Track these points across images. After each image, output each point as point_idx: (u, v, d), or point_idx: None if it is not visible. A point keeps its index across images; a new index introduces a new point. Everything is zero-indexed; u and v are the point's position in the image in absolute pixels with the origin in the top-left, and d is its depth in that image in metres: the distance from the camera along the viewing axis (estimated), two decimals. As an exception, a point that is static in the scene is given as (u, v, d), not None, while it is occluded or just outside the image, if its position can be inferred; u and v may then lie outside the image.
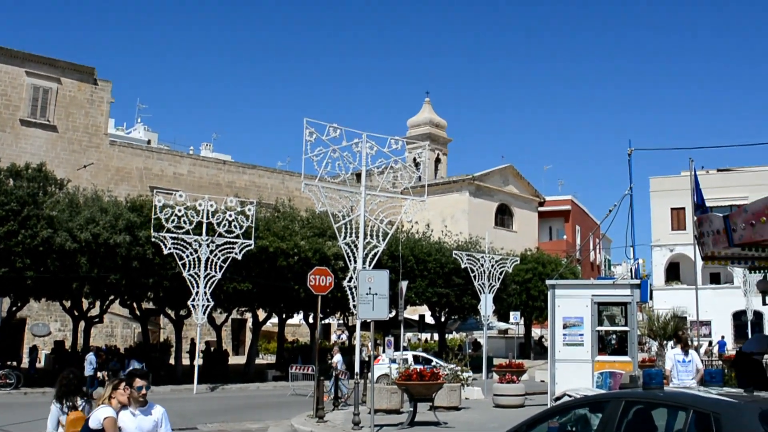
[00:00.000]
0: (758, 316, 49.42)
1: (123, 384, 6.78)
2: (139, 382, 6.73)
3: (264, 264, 30.50)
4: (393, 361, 26.67)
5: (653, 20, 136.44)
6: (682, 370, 13.29)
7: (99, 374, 26.26)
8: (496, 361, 33.08)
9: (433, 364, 27.54)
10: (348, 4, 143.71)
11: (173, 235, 26.66)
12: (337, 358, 25.01)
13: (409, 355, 29.62)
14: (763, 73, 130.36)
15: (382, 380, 24.37)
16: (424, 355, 30.50)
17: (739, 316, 53.29)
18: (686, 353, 13.92)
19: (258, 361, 39.61)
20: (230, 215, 27.70)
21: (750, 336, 43.51)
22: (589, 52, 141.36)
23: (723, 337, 48.98)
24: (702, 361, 28.02)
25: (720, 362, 28.72)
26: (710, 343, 46.43)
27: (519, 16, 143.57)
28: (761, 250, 14.96)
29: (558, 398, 13.76)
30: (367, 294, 15.87)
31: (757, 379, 15.36)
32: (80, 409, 7.55)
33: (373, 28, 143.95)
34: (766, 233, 12.69)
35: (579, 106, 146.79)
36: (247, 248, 27.77)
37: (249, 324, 45.36)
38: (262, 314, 36.68)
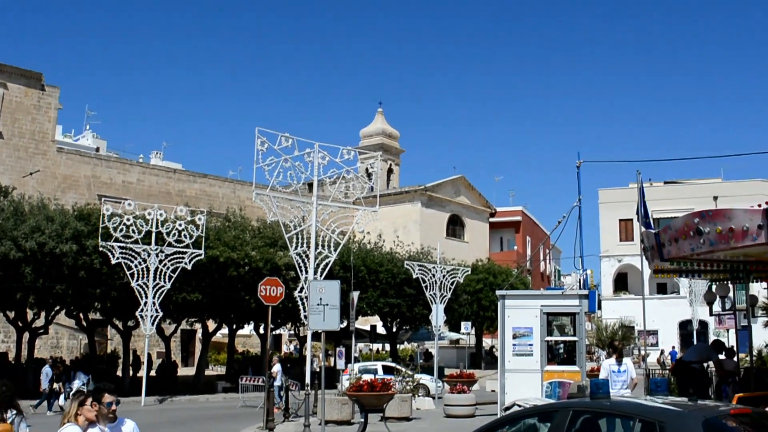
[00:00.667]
0: (703, 325, 50.40)
1: (90, 400, 6.36)
2: (108, 397, 6.38)
3: (214, 274, 30.20)
4: (363, 371, 26.77)
5: (602, 34, 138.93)
6: (617, 380, 13.59)
7: (56, 386, 25.71)
8: (447, 371, 33.20)
9: (403, 373, 27.73)
10: (301, 14, 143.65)
11: (121, 244, 26.26)
12: (276, 369, 24.85)
13: (378, 365, 29.69)
14: (710, 87, 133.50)
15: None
16: (394, 365, 30.65)
17: (685, 326, 54.32)
18: (620, 363, 14.26)
19: (208, 372, 39.15)
20: (180, 224, 27.38)
21: (695, 344, 44.38)
22: (539, 65, 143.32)
23: (674, 347, 49.88)
24: (653, 370, 28.56)
25: (667, 371, 29.16)
26: (662, 353, 47.26)
27: (471, 28, 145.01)
28: (703, 265, 15.35)
29: (508, 408, 13.86)
30: (318, 304, 15.81)
31: (695, 387, 15.74)
32: (9, 421, 7.19)
33: (326, 39, 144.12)
34: (686, 248, 13.17)
35: (530, 118, 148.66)
36: (197, 258, 27.47)
37: (199, 335, 44.86)
38: (212, 325, 36.29)
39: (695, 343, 45.59)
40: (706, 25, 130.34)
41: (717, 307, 26.23)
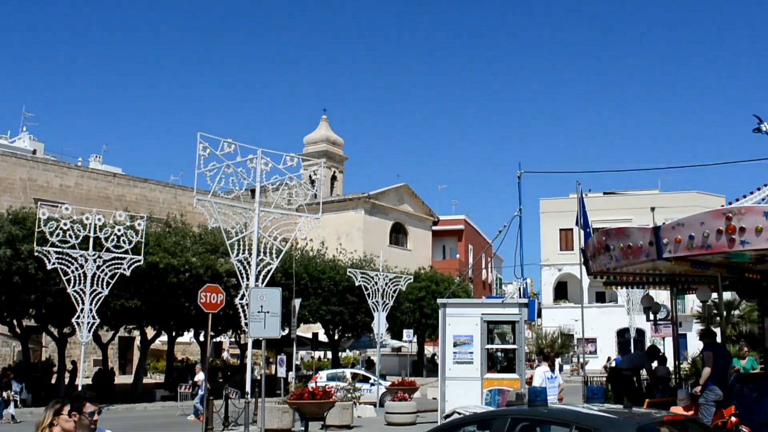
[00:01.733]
0: (640, 333, 51.40)
1: (68, 408, 5.82)
2: (89, 406, 5.86)
3: (154, 280, 29.75)
4: (332, 378, 26.84)
5: (541, 46, 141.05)
6: (550, 387, 13.86)
7: (4, 394, 25.02)
8: (389, 379, 33.21)
9: (371, 381, 27.91)
10: (245, 17, 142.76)
11: (58, 249, 25.66)
12: (201, 376, 24.63)
13: (347, 372, 29.74)
14: (648, 100, 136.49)
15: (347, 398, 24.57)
16: (363, 372, 30.85)
17: (622, 333, 55.33)
18: (552, 370, 14.59)
19: (146, 380, 38.51)
20: (119, 230, 26.86)
21: (632, 352, 45.29)
22: (483, 75, 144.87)
23: (619, 355, 50.65)
24: (591, 378, 29.03)
25: (603, 379, 29.66)
26: (609, 359, 48.02)
27: (415, 36, 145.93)
28: (638, 277, 15.76)
29: (448, 416, 13.95)
30: (259, 312, 15.71)
31: (627, 394, 16.10)
32: None
33: (271, 44, 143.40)
34: (602, 264, 14.17)
35: (474, 128, 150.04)
36: (136, 264, 26.98)
37: (137, 342, 44.10)
38: (150, 332, 35.73)
39: (632, 351, 46.60)
40: (643, 38, 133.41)
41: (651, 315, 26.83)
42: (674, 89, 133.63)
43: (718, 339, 14.69)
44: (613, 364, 44.64)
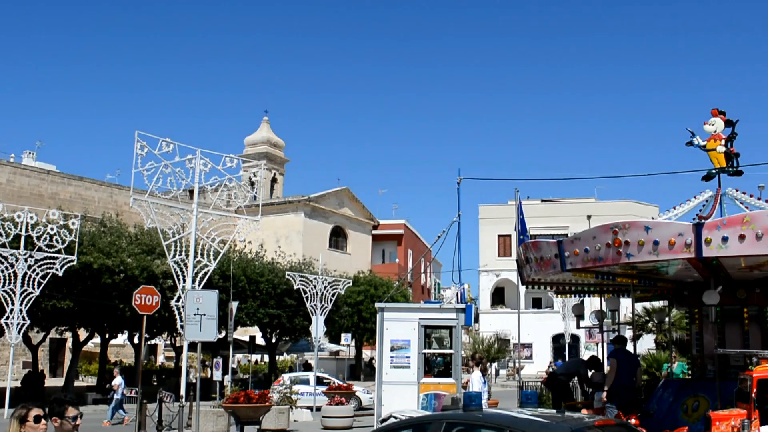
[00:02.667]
0: (575, 338, 52.31)
1: (33, 414, 5.28)
2: (72, 410, 5.49)
3: (87, 281, 29.15)
4: (295, 381, 26.80)
5: (485, 51, 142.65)
6: (483, 391, 14.23)
7: None
8: (325, 383, 33.14)
9: (336, 384, 28.14)
10: (185, 13, 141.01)
11: (-13, 248, 25.00)
12: (118, 381, 24.28)
13: (311, 375, 29.68)
14: (586, 114, 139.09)
15: (283, 401, 24.55)
16: (326, 376, 30.97)
17: (558, 339, 56.22)
18: (484, 375, 14.87)
19: (78, 383, 37.71)
20: (52, 229, 26.26)
21: (567, 357, 46.08)
22: (423, 81, 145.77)
23: (559, 359, 51.38)
24: (526, 382, 29.39)
25: (538, 384, 30.06)
26: (550, 364, 48.75)
27: (356, 42, 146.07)
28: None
29: (384, 420, 13.95)
30: (195, 314, 15.53)
31: (562, 398, 16.48)
32: None
33: (212, 42, 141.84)
34: (528, 274, 14.97)
35: (415, 133, 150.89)
36: (69, 264, 26.42)
37: (69, 344, 43.14)
38: (83, 334, 35.00)
39: (567, 355, 47.41)
40: (583, 53, 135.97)
41: (588, 321, 27.32)
42: (611, 103, 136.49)
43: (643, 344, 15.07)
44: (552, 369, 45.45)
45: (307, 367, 43.73)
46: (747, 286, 13.80)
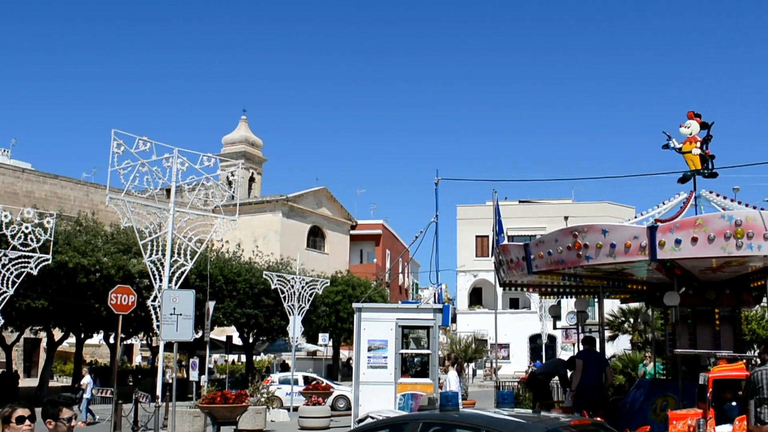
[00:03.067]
0: (552, 339, 52.62)
1: (17, 415, 5.06)
2: (66, 412, 5.32)
3: (62, 280, 28.88)
4: (284, 382, 26.81)
5: (464, 52, 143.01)
6: (459, 390, 14.50)
7: None
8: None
9: (325, 384, 28.19)
10: (163, 11, 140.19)
11: (-39, 246, 24.70)
12: (86, 380, 24.11)
13: (299, 375, 29.69)
14: (564, 109, 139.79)
15: (273, 402, 24.71)
16: (315, 376, 30.93)
17: (535, 339, 56.52)
18: (460, 375, 15.02)
19: (52, 383, 37.35)
20: (27, 227, 25.96)
21: (544, 358, 46.37)
22: (402, 80, 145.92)
23: (537, 360, 51.63)
24: (503, 382, 29.52)
25: (515, 384, 30.20)
26: (530, 366, 48.97)
27: (335, 41, 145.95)
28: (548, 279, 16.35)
29: (361, 420, 13.95)
30: (171, 314, 15.47)
31: (543, 398, 16.63)
32: None
33: (190, 41, 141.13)
34: (502, 276, 15.48)
35: (393, 133, 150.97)
36: (44, 263, 26.15)
37: (43, 344, 42.74)
38: (58, 334, 34.68)
39: (543, 356, 47.68)
40: (561, 53, 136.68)
41: (563, 321, 27.50)
42: (589, 105, 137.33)
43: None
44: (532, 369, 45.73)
45: (284, 367, 43.63)
46: (717, 287, 13.99)
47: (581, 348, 15.11)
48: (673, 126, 14.29)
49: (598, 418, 12.45)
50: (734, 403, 10.69)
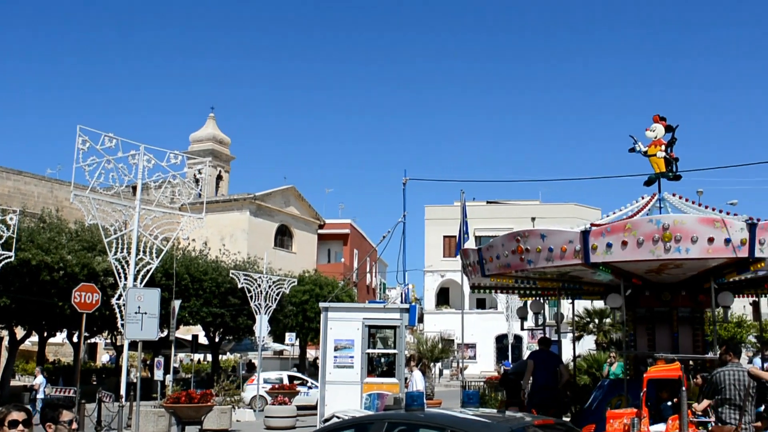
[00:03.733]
0: (518, 339, 52.89)
1: (10, 418, 4.87)
2: (67, 414, 5.15)
3: (25, 278, 28.46)
4: (267, 381, 26.69)
5: (431, 54, 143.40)
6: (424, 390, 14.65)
7: None
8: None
9: (308, 384, 27.98)
10: (130, 6, 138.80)
11: None
12: (39, 380, 23.82)
13: (284, 374, 29.59)
14: (533, 110, 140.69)
15: (256, 402, 24.72)
16: (299, 375, 30.88)
17: (501, 339, 56.79)
18: (425, 374, 15.15)
19: (14, 382, 36.78)
20: (-11, 224, 25.63)
21: (510, 358, 46.64)
22: (371, 81, 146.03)
23: (507, 360, 51.83)
24: (469, 382, 29.63)
25: (481, 383, 30.35)
26: (501, 366, 49.16)
27: (304, 40, 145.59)
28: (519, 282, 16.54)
29: (327, 420, 13.93)
30: (136, 313, 15.31)
31: (515, 397, 16.79)
32: None
33: (158, 39, 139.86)
34: (469, 279, 15.70)
35: (362, 132, 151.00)
36: (6, 260, 25.77)
37: (5, 342, 42.12)
38: (20, 332, 34.19)
39: (510, 356, 47.92)
40: (529, 54, 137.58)
41: (530, 322, 27.64)
42: (558, 106, 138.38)
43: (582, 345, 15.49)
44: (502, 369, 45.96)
45: (250, 366, 43.44)
46: (672, 289, 14.20)
47: (537, 348, 15.38)
48: (641, 129, 14.47)
49: (533, 416, 12.67)
50: (669, 403, 10.98)
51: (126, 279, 18.62)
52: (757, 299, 16.96)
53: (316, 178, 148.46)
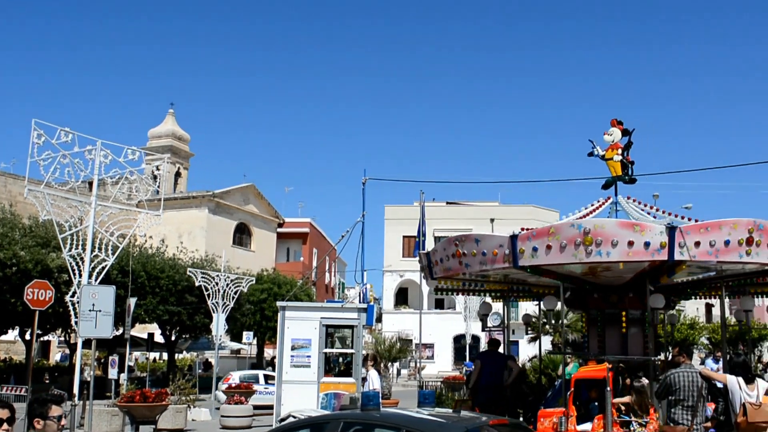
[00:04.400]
0: (476, 339, 53.20)
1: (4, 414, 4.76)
2: (56, 409, 5.07)
3: (-24, 274, 27.95)
4: (245, 379, 26.44)
5: (391, 52, 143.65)
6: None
7: None
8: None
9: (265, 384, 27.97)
10: (88, 2, 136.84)
11: None
12: None
13: (260, 373, 29.37)
14: (493, 112, 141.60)
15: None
16: (274, 374, 30.89)
17: (459, 340, 57.07)
18: (380, 373, 15.24)
19: (-36, 380, 36.09)
20: (-61, 219, 25.12)
21: (468, 358, 46.87)
22: (332, 79, 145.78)
23: (471, 359, 52.03)
24: (427, 382, 29.72)
25: (438, 383, 30.49)
26: (463, 366, 49.37)
27: (264, 37, 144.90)
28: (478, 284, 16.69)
29: (283, 419, 13.88)
30: (90, 310, 15.12)
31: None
32: None
33: (117, 32, 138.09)
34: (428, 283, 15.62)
35: (322, 131, 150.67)
36: (-43, 256, 25.33)
37: (-45, 339, 41.35)
38: (-30, 329, 33.57)
39: (467, 356, 48.18)
40: (488, 43, 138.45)
41: (489, 322, 27.84)
42: (517, 109, 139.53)
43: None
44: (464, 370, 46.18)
45: (207, 365, 43.14)
46: (620, 291, 14.42)
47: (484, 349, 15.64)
48: (597, 134, 14.70)
49: (488, 416, 12.88)
50: (596, 403, 11.28)
51: (80, 276, 18.36)
52: (711, 302, 17.29)
53: (276, 177, 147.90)
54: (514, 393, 15.01)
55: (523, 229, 12.36)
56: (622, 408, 11.35)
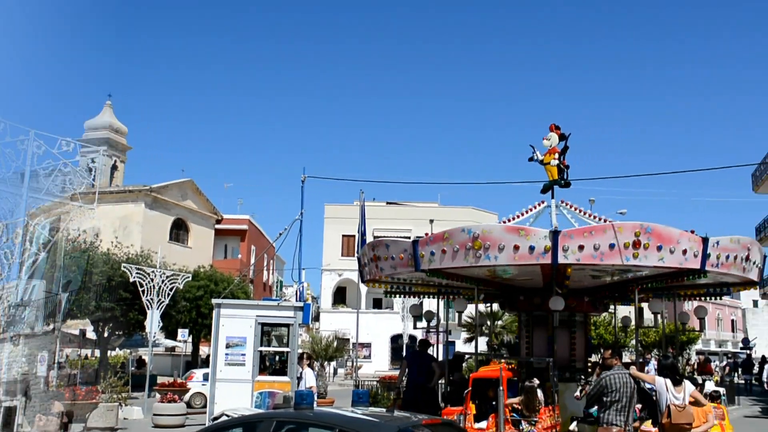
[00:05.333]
0: (413, 339, 53.38)
1: None
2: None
3: None
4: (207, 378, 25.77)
5: (334, 47, 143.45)
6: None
7: None
8: (160, 380, 32.20)
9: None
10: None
11: None
12: None
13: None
14: (434, 115, 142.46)
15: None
16: None
17: (396, 339, 57.27)
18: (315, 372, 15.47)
19: None
20: None
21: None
22: (270, 74, 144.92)
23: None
24: (362, 381, 29.70)
25: (374, 383, 30.53)
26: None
27: (204, 29, 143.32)
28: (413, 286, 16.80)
29: (216, 418, 13.73)
30: (19, 305, 14.74)
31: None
32: None
33: (55, 21, 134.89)
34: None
35: (263, 128, 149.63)
36: None
37: None
38: None
39: (404, 355, 48.42)
40: (436, 50, 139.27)
41: (423, 323, 28.00)
42: (459, 112, 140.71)
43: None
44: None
45: (140, 363, 42.43)
46: (543, 293, 14.66)
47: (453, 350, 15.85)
48: (537, 139, 14.93)
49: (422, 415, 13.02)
50: (494, 402, 11.62)
51: (9, 270, 17.92)
52: (639, 306, 17.62)
53: (215, 173, 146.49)
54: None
55: (426, 235, 12.75)
56: (518, 407, 11.65)
